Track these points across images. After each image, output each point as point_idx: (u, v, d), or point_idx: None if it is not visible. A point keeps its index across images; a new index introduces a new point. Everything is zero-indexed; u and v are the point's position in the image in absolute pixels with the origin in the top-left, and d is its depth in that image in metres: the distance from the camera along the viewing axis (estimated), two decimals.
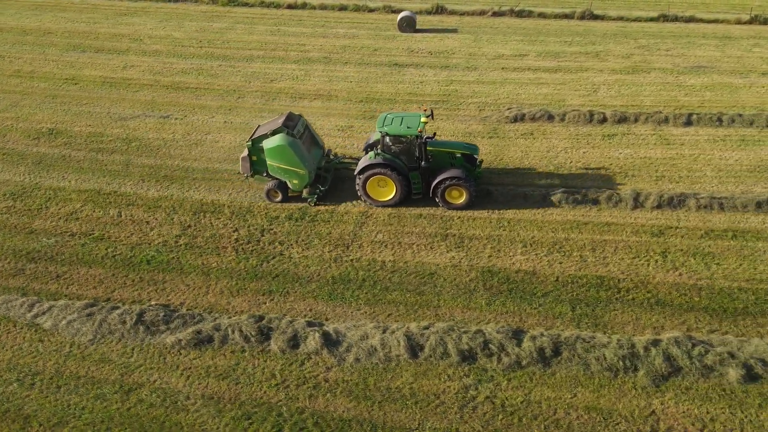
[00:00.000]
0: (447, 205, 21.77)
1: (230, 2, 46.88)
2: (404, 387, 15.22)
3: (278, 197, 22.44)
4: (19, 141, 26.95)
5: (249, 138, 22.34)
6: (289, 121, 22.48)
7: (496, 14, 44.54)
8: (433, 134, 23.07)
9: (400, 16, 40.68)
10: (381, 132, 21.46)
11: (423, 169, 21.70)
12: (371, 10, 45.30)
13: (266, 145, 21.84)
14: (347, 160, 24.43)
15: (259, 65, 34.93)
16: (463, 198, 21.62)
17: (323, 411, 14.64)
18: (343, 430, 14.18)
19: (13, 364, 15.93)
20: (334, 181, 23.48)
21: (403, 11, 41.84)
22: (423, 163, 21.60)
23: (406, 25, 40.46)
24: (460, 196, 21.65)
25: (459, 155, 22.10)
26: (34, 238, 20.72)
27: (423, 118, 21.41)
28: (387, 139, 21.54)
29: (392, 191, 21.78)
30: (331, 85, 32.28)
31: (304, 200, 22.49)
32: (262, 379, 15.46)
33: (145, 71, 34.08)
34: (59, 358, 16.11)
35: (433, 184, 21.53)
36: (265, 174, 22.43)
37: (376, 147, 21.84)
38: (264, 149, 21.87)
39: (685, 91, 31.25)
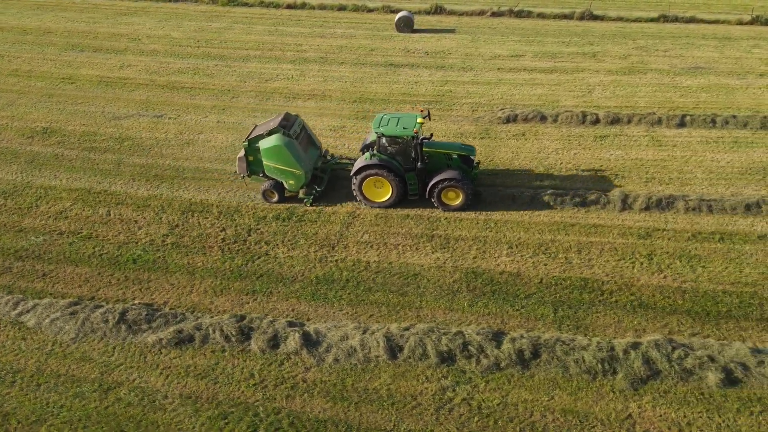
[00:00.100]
0: (443, 206, 21.67)
1: (230, 2, 47.01)
2: (382, 388, 15.22)
3: (274, 198, 22.43)
4: (13, 140, 27.13)
5: (245, 138, 22.34)
6: (286, 121, 22.47)
7: (495, 14, 44.45)
8: (430, 135, 22.95)
9: (398, 17, 40.62)
10: (377, 133, 21.41)
11: (419, 170, 21.61)
12: (370, 10, 45.31)
13: (262, 145, 21.84)
14: (344, 161, 24.35)
15: (255, 65, 35.00)
16: (460, 199, 21.53)
17: (299, 411, 14.66)
18: (318, 431, 14.21)
19: None
20: (331, 182, 23.45)
21: (401, 11, 41.79)
22: (419, 164, 21.51)
23: (403, 26, 40.40)
24: (456, 198, 21.56)
25: (456, 156, 22.00)
26: (23, 237, 20.87)
27: (419, 119, 21.33)
28: (383, 139, 21.52)
29: (388, 192, 21.73)
30: (326, 85, 32.30)
31: (301, 201, 22.49)
32: (241, 379, 15.50)
33: (142, 71, 34.24)
34: (41, 356, 16.21)
35: (429, 185, 21.46)
36: (262, 174, 22.42)
37: (372, 148, 21.79)
38: (260, 149, 21.89)
39: (681, 92, 31.05)
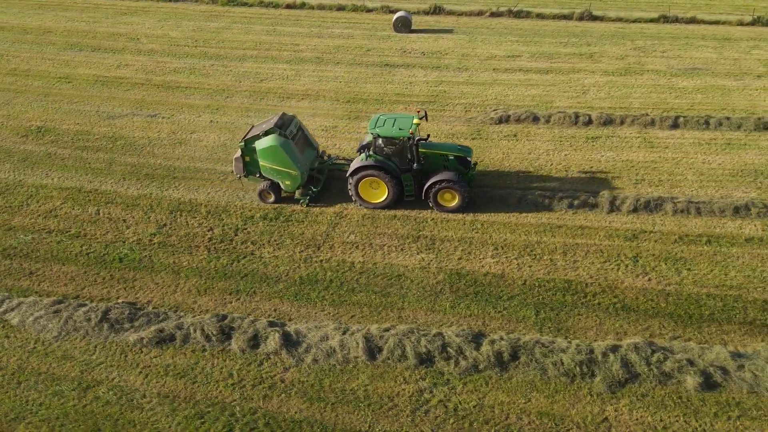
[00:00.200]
0: (439, 208, 21.60)
1: (229, 2, 47.17)
2: (359, 389, 15.22)
3: (271, 198, 22.45)
4: (8, 138, 27.32)
5: (242, 138, 22.34)
6: (282, 121, 22.48)
7: (494, 15, 44.40)
8: (427, 136, 22.89)
9: (396, 17, 40.61)
10: (373, 134, 21.38)
11: (415, 171, 21.56)
12: (369, 10, 45.34)
13: (258, 145, 21.84)
14: (340, 162, 24.29)
15: (251, 65, 35.10)
16: (456, 201, 21.43)
17: (276, 411, 14.69)
18: (293, 431, 14.24)
19: None
20: (327, 182, 23.46)
21: (399, 11, 41.77)
22: (415, 165, 21.47)
23: (401, 26, 40.40)
24: (452, 199, 21.48)
25: (452, 157, 21.93)
26: (12, 235, 21.01)
27: (415, 120, 21.30)
28: (379, 140, 21.50)
29: (384, 193, 21.67)
30: (320, 85, 32.34)
31: (297, 201, 22.52)
32: (219, 379, 15.55)
33: (138, 70, 34.39)
34: (23, 354, 16.31)
35: (425, 186, 21.42)
36: (258, 175, 22.42)
37: (369, 148, 21.73)
38: (256, 150, 21.92)
39: (676, 93, 30.88)
